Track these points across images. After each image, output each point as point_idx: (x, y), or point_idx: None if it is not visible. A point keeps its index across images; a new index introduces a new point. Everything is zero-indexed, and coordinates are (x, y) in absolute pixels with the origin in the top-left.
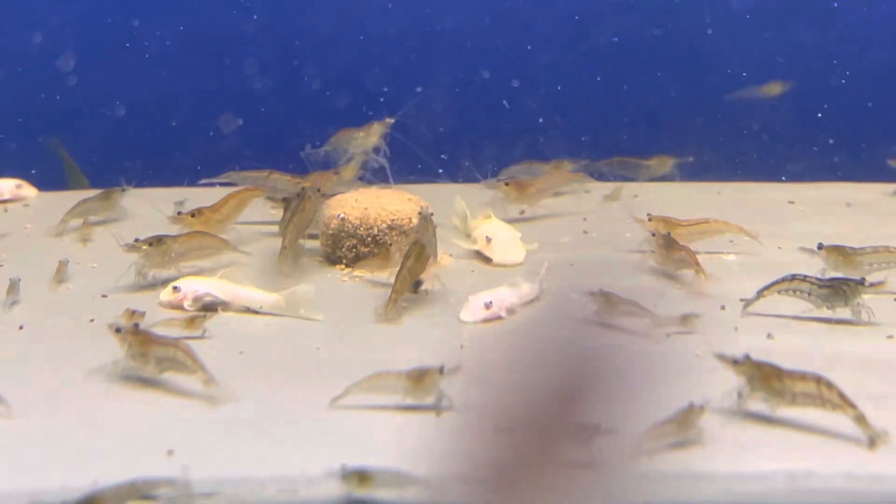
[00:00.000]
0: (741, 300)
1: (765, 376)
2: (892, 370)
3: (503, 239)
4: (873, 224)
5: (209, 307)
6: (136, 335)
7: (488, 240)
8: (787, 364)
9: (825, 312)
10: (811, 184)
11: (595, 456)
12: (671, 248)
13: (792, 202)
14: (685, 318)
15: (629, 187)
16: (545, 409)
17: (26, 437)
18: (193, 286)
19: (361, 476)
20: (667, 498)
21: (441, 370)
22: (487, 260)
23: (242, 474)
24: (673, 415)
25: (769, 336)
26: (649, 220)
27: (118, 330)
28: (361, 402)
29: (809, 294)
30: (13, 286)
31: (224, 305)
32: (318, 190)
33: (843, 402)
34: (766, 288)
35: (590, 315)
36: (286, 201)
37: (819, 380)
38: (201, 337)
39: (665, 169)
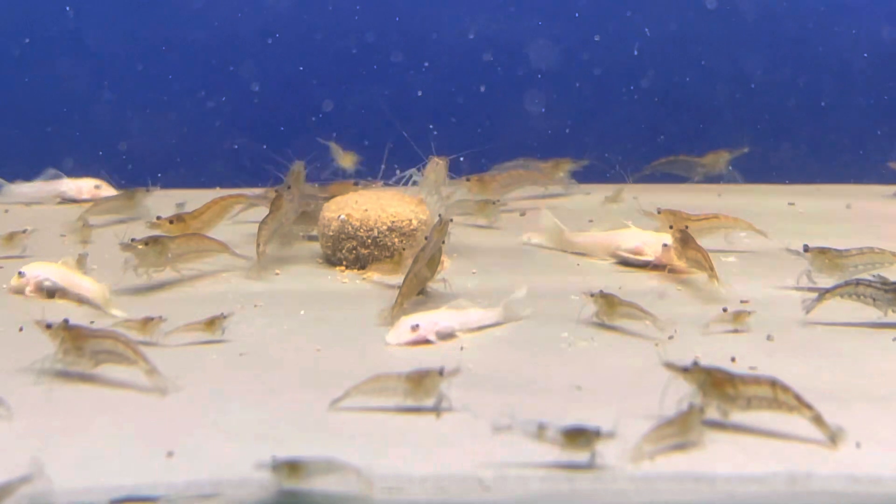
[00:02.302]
0: (741, 301)
1: (717, 382)
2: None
3: None
4: (872, 225)
5: (49, 292)
6: (69, 330)
7: (666, 247)
8: (788, 367)
9: (891, 317)
10: (811, 185)
11: None
12: (687, 245)
13: (792, 204)
14: (737, 316)
15: (630, 189)
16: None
17: (25, 438)
18: (36, 272)
19: (292, 466)
20: (667, 499)
21: (441, 372)
22: (663, 268)
23: (242, 476)
24: (673, 416)
25: (769, 338)
26: (658, 213)
27: (49, 326)
28: (361, 404)
29: (875, 300)
30: None
31: (62, 292)
32: (290, 187)
33: (800, 404)
34: (829, 291)
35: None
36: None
37: (774, 383)
38: (220, 340)
39: (721, 165)
